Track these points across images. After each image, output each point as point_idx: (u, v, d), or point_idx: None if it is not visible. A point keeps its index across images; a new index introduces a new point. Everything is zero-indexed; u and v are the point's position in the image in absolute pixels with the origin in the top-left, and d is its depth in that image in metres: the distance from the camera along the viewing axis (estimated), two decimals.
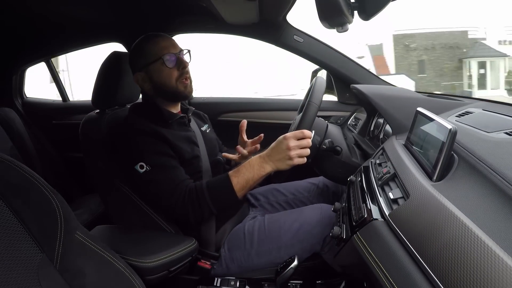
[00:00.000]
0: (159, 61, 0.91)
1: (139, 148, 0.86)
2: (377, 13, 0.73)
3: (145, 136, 0.87)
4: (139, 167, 0.85)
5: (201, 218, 0.88)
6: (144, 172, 0.85)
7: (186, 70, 0.95)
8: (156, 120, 0.92)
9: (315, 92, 0.92)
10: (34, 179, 0.56)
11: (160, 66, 0.92)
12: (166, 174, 0.86)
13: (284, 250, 0.90)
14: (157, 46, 0.92)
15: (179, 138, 0.93)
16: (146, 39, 0.95)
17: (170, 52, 0.92)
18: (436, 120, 0.60)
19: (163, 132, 0.89)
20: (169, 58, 0.91)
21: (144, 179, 0.86)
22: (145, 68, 0.93)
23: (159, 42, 0.93)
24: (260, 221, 0.97)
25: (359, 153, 1.04)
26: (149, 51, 0.92)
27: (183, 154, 0.91)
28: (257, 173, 0.85)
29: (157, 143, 0.88)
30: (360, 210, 0.64)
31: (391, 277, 0.47)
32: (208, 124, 1.15)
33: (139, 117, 0.93)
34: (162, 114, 0.94)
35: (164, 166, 0.87)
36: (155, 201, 0.90)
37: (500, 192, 0.43)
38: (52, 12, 1.27)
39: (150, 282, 0.77)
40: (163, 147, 0.88)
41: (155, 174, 0.85)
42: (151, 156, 0.86)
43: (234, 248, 0.94)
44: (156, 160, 0.86)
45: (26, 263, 0.51)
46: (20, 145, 1.54)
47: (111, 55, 1.01)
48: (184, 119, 1.00)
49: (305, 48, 1.39)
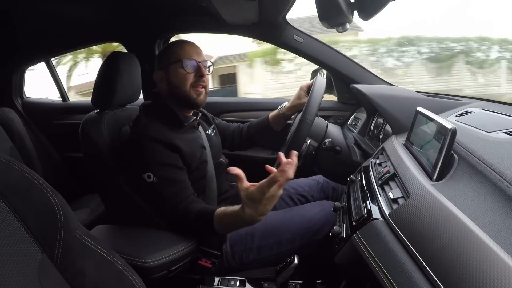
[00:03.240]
0: (179, 63, 0.92)
1: (150, 157, 0.86)
2: (377, 13, 0.73)
3: (158, 145, 0.87)
4: (146, 177, 0.86)
5: (192, 235, 0.89)
6: (150, 182, 0.86)
7: (203, 79, 0.95)
8: (169, 123, 0.93)
9: (316, 91, 0.92)
10: (34, 179, 0.56)
11: (179, 68, 0.93)
12: (171, 188, 0.87)
13: (285, 245, 0.91)
14: (182, 49, 0.94)
15: (190, 144, 0.93)
16: (176, 42, 0.98)
17: (192, 58, 0.93)
18: (436, 120, 0.60)
19: (176, 142, 0.89)
20: (189, 63, 0.92)
21: (150, 188, 0.87)
22: (166, 68, 0.94)
23: (185, 47, 0.95)
24: None
25: (359, 153, 1.04)
26: (173, 52, 0.94)
27: (193, 161, 0.92)
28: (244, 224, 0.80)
29: (168, 155, 0.88)
30: (360, 209, 0.64)
31: (391, 276, 0.47)
32: (213, 126, 1.16)
33: (152, 120, 0.92)
34: (176, 117, 0.94)
35: (171, 180, 0.87)
36: (155, 206, 0.90)
37: (500, 191, 0.43)
38: (52, 12, 1.27)
39: (150, 282, 0.77)
40: (173, 159, 0.88)
41: (160, 186, 0.86)
42: (160, 167, 0.86)
43: (235, 244, 0.94)
44: (164, 172, 0.87)
45: (26, 263, 0.51)
46: (20, 145, 1.54)
47: (111, 55, 1.01)
48: (194, 122, 1.01)
49: (305, 48, 1.39)
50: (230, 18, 1.27)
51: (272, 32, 1.38)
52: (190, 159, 0.91)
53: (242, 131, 1.23)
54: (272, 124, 1.19)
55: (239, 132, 1.23)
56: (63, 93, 1.88)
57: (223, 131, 1.21)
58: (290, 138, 0.94)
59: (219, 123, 1.23)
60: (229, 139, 1.22)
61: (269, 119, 1.19)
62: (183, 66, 0.92)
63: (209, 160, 1.00)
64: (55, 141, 1.83)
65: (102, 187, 0.99)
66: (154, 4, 1.27)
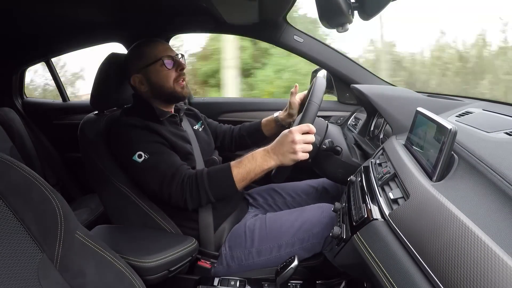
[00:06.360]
0: (158, 63, 0.93)
1: (135, 140, 0.88)
2: (377, 13, 0.73)
3: (138, 129, 0.89)
4: (137, 157, 0.86)
5: (198, 205, 0.88)
6: (143, 160, 0.86)
7: (183, 72, 0.97)
8: (148, 117, 0.94)
9: (316, 91, 0.92)
10: (34, 179, 0.56)
11: (159, 67, 0.94)
12: (165, 159, 0.88)
13: (285, 249, 0.91)
14: (156, 49, 0.95)
15: (171, 134, 0.94)
16: (144, 43, 0.97)
17: (168, 55, 0.94)
18: (436, 120, 0.60)
19: (155, 127, 0.90)
20: (168, 60, 0.94)
21: (144, 167, 0.86)
22: (143, 70, 0.95)
23: (158, 45, 0.96)
24: (262, 219, 0.97)
25: (359, 153, 1.04)
26: (148, 53, 0.94)
27: (176, 148, 0.92)
28: (259, 166, 0.85)
29: (150, 135, 0.89)
30: (360, 210, 0.64)
31: (391, 277, 0.47)
32: (202, 122, 1.16)
33: (131, 115, 0.94)
34: (153, 112, 0.95)
35: (161, 153, 0.88)
36: (155, 190, 0.88)
37: (500, 192, 0.43)
38: (52, 12, 1.27)
39: (150, 282, 0.77)
40: (157, 137, 0.90)
41: (154, 160, 0.86)
42: (148, 145, 0.88)
43: (234, 246, 0.94)
44: (153, 148, 0.88)
45: (26, 263, 0.51)
46: (20, 145, 1.54)
47: (109, 57, 1.01)
48: (175, 118, 1.02)
49: (305, 48, 1.39)
50: (230, 18, 1.28)
51: (272, 32, 1.38)
52: (172, 144, 0.92)
53: (233, 132, 1.23)
54: (263, 127, 1.19)
55: (230, 133, 1.23)
56: (63, 93, 1.88)
57: (214, 131, 1.22)
58: (300, 119, 0.93)
59: (211, 122, 1.24)
60: (220, 139, 1.22)
61: (261, 122, 1.20)
62: (164, 64, 0.93)
63: (196, 155, 0.99)
64: (55, 141, 1.83)
65: (101, 188, 0.98)
66: (154, 4, 1.27)
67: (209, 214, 0.94)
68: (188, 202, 0.86)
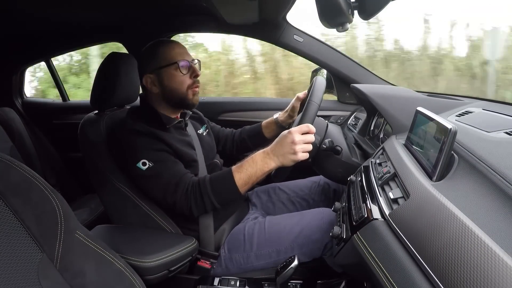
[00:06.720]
0: (173, 66, 0.91)
1: (140, 147, 0.87)
2: (377, 13, 0.73)
3: (143, 136, 0.88)
4: (141, 164, 0.85)
5: (204, 212, 0.88)
6: (147, 168, 0.85)
7: (198, 79, 0.95)
8: (154, 123, 0.92)
9: (315, 91, 0.92)
10: (34, 178, 0.56)
11: (174, 71, 0.92)
12: (169, 168, 0.87)
13: (284, 254, 0.90)
14: (173, 51, 0.92)
15: (176, 141, 0.93)
16: (161, 43, 0.95)
17: (184, 59, 0.92)
18: (436, 119, 0.60)
19: (161, 135, 0.89)
20: (184, 64, 0.92)
21: (148, 175, 0.86)
22: (157, 71, 0.92)
23: (175, 48, 0.93)
24: (261, 223, 0.96)
25: (359, 153, 1.04)
26: (163, 54, 0.92)
27: (181, 155, 0.92)
28: (260, 169, 0.85)
29: (155, 143, 0.88)
30: (360, 210, 0.64)
31: (391, 277, 0.47)
32: (206, 126, 1.15)
33: (137, 120, 0.92)
34: (160, 119, 0.94)
35: (166, 161, 0.88)
36: (159, 197, 0.89)
37: (500, 191, 0.43)
38: (52, 12, 1.27)
39: (150, 282, 0.77)
40: (161, 146, 0.89)
41: (158, 168, 0.86)
42: (152, 153, 0.87)
43: (233, 249, 0.94)
44: (158, 156, 0.87)
45: (26, 262, 0.51)
46: (20, 145, 1.54)
47: (110, 56, 1.01)
48: (181, 124, 1.00)
49: (305, 47, 1.39)
50: (230, 18, 1.27)
51: (272, 32, 1.38)
52: (178, 152, 0.91)
53: (235, 135, 1.23)
54: (264, 129, 1.19)
55: (231, 137, 1.23)
56: (63, 93, 1.88)
57: (217, 135, 1.21)
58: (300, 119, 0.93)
59: (213, 126, 1.23)
60: (222, 143, 1.22)
61: (262, 124, 1.20)
62: (179, 68, 0.91)
63: (199, 160, 0.99)
64: (55, 141, 1.83)
65: (100, 188, 0.98)
66: (155, 4, 1.27)
67: (210, 215, 0.94)
68: (193, 210, 0.86)
